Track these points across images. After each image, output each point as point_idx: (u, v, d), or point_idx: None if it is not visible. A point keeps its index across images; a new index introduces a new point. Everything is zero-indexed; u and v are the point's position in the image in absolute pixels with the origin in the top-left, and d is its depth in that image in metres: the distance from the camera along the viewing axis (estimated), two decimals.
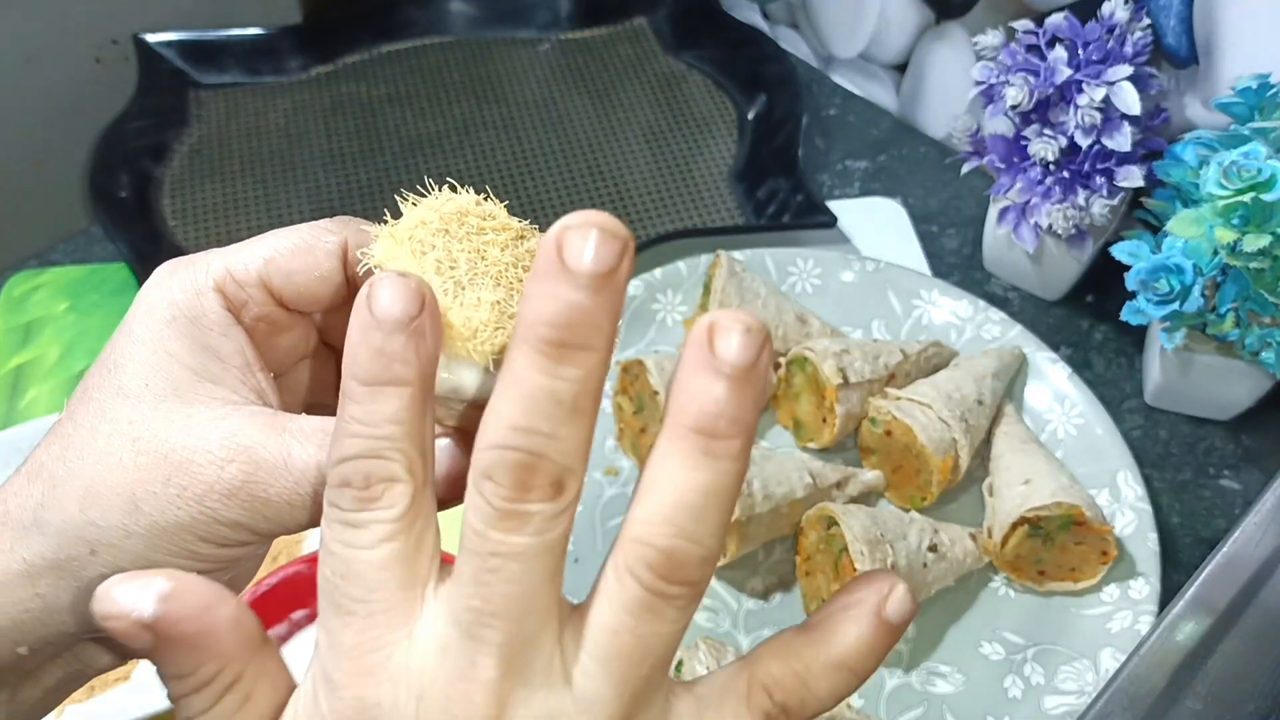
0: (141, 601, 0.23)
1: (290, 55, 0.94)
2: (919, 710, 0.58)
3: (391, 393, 0.24)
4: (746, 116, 0.91)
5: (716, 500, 0.23)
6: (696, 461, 0.23)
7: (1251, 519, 0.48)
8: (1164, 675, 0.43)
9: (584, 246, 0.22)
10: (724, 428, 0.23)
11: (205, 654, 0.23)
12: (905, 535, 0.59)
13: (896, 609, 0.26)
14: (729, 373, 0.22)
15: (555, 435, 0.22)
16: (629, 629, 0.23)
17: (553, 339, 0.22)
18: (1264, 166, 0.57)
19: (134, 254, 0.76)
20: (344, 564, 0.24)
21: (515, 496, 0.22)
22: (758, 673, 0.26)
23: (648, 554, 0.23)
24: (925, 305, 0.74)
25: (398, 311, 0.23)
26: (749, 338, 0.22)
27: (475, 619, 0.23)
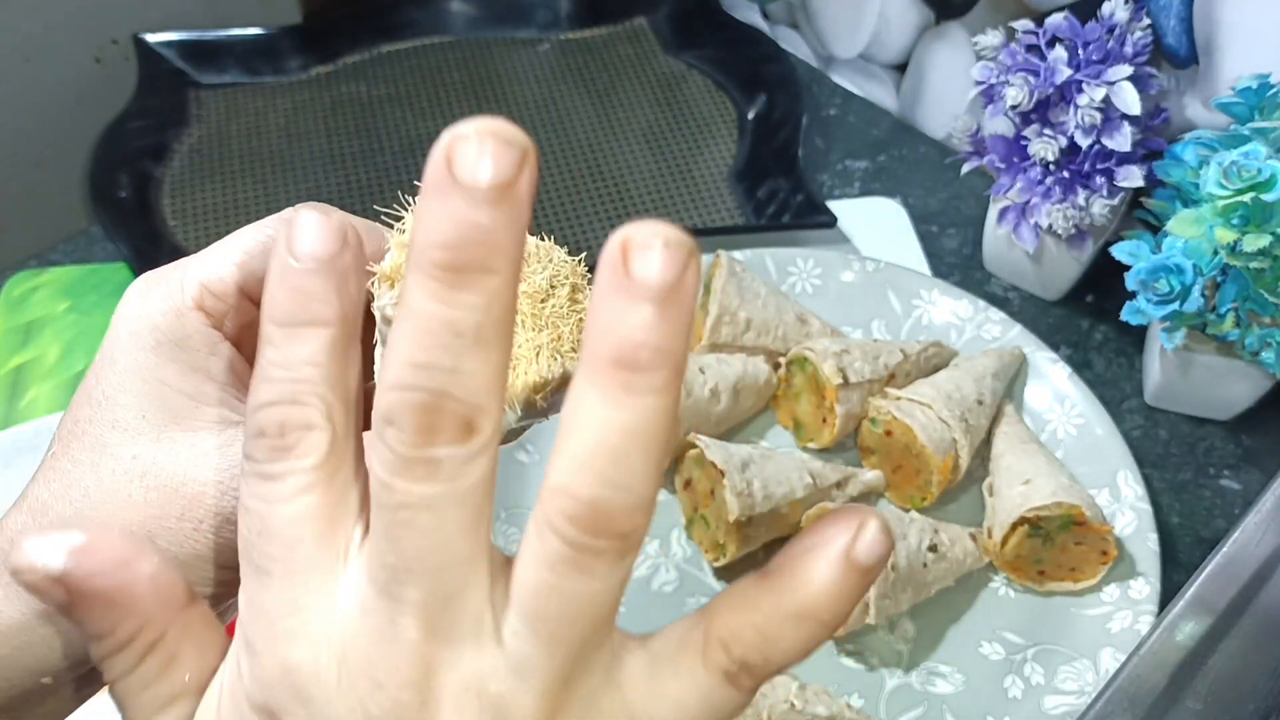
0: (52, 555, 0.21)
1: (290, 55, 0.94)
2: (919, 710, 0.58)
3: (309, 334, 0.22)
4: (746, 116, 0.91)
5: (643, 441, 0.20)
6: (617, 399, 0.20)
7: (1251, 519, 0.48)
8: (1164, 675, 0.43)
9: (477, 157, 0.19)
10: (646, 358, 0.20)
11: (122, 612, 0.22)
12: (905, 535, 0.59)
13: (867, 549, 0.22)
14: (649, 295, 0.19)
15: (459, 370, 0.20)
16: (553, 588, 0.21)
17: (447, 263, 0.19)
18: (1264, 166, 0.57)
19: (134, 254, 0.76)
20: (260, 520, 0.22)
21: (420, 441, 0.20)
22: (715, 625, 0.23)
23: (568, 506, 0.20)
24: (925, 305, 0.74)
25: (317, 249, 0.22)
26: (670, 252, 0.20)
27: (391, 576, 0.21)
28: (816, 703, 0.55)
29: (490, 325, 0.20)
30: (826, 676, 0.59)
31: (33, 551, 0.21)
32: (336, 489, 0.22)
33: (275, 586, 0.22)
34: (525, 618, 0.21)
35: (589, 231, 0.82)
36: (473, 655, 0.21)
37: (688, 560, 0.63)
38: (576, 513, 0.20)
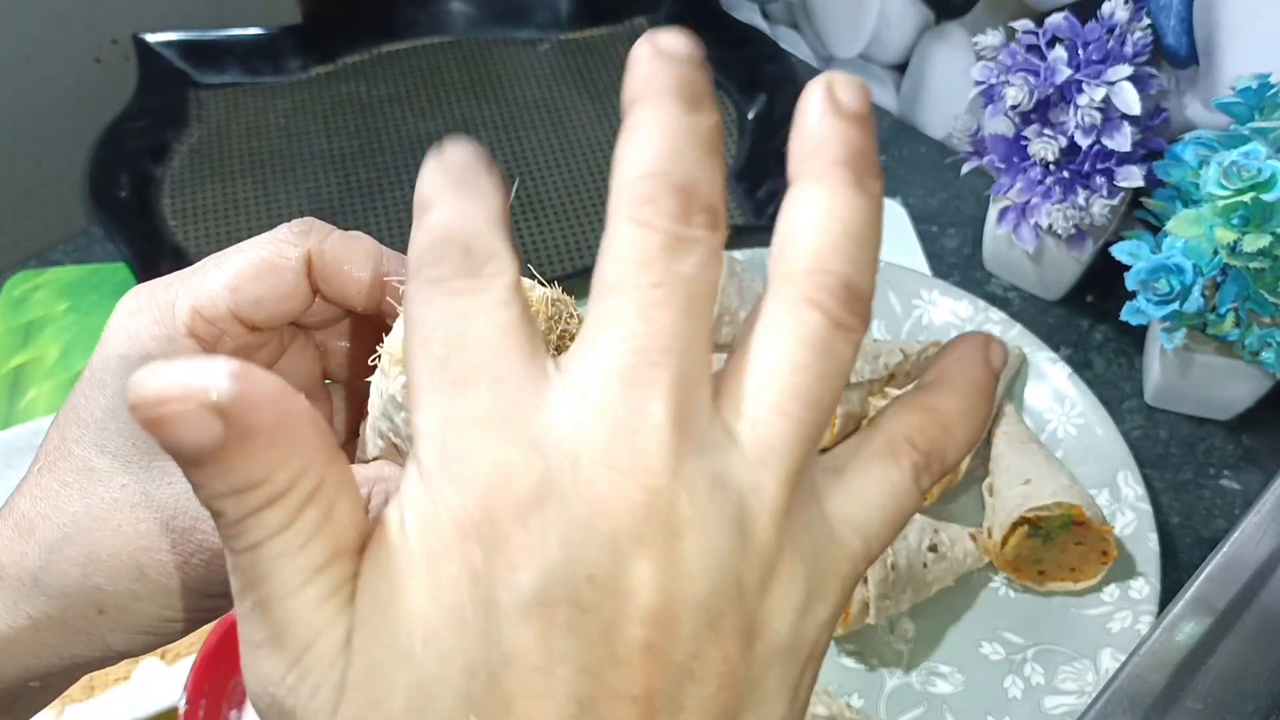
0: (212, 377, 0.18)
1: (290, 55, 0.94)
2: (919, 710, 0.58)
3: (485, 189, 0.22)
4: (746, 116, 0.91)
5: (875, 234, 0.22)
6: (852, 194, 0.22)
7: (1251, 519, 0.48)
8: (1164, 675, 0.43)
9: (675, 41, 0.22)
10: (868, 166, 0.22)
11: (285, 453, 0.19)
12: (905, 535, 0.59)
13: (997, 356, 0.25)
14: (860, 119, 0.22)
15: (704, 168, 0.21)
16: (809, 366, 0.21)
17: (682, 93, 0.21)
18: (1264, 166, 0.57)
19: (134, 254, 0.76)
20: (459, 334, 0.20)
21: (683, 217, 0.20)
22: (896, 429, 0.24)
23: (828, 280, 0.21)
24: (925, 305, 0.74)
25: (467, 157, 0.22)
26: (861, 91, 0.22)
27: (640, 359, 0.20)
28: (816, 703, 0.55)
29: (718, 143, 0.21)
30: (826, 676, 0.59)
31: (183, 376, 0.18)
32: (527, 312, 0.21)
33: (482, 394, 0.20)
34: (772, 401, 0.21)
35: (589, 231, 0.82)
36: (712, 450, 0.20)
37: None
38: (835, 286, 0.21)
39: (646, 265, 0.20)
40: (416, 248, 0.21)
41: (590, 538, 0.19)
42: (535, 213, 0.83)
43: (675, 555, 0.19)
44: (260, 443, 0.19)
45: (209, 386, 0.18)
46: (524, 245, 0.80)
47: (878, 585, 0.57)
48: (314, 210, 0.83)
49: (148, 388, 0.18)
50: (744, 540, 0.20)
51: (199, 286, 0.27)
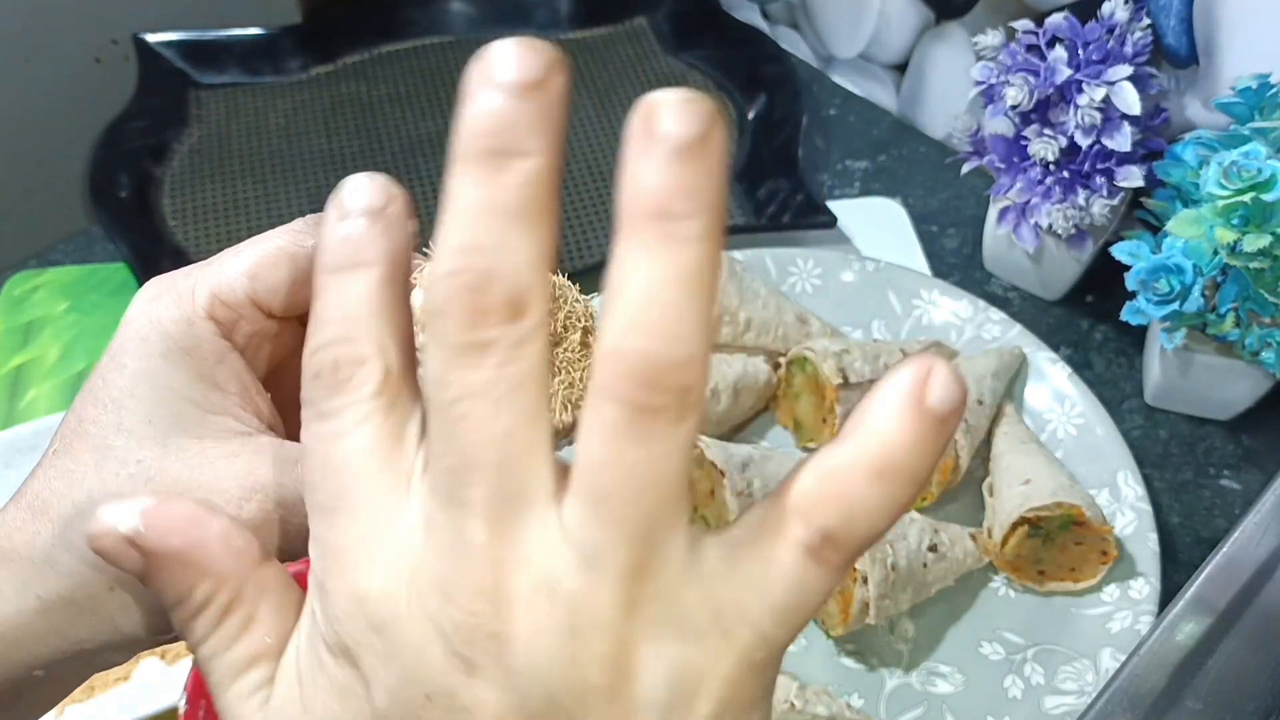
0: (125, 517, 0.22)
1: (290, 55, 0.94)
2: (919, 710, 0.58)
3: (359, 274, 0.22)
4: (746, 116, 0.91)
5: (689, 288, 0.19)
6: (656, 249, 0.19)
7: (1251, 519, 0.48)
8: (1164, 675, 0.43)
9: (507, 58, 0.21)
10: (680, 206, 0.19)
11: (197, 572, 0.23)
12: (905, 535, 0.59)
13: (940, 393, 0.20)
14: (675, 146, 0.19)
15: (501, 247, 0.19)
16: (615, 459, 0.20)
17: (485, 148, 0.20)
18: (1264, 166, 0.57)
19: (134, 254, 0.76)
20: (321, 458, 0.22)
21: (470, 323, 0.19)
22: (790, 498, 0.21)
23: (620, 365, 0.19)
24: (925, 305, 0.74)
25: (365, 202, 0.22)
26: (690, 107, 0.19)
27: (453, 479, 0.20)
28: (816, 703, 0.55)
29: (532, 203, 0.20)
30: (826, 676, 0.59)
31: (106, 516, 0.22)
32: (395, 418, 0.22)
33: (341, 522, 0.21)
34: (588, 499, 0.20)
35: (589, 231, 0.82)
36: (541, 554, 0.20)
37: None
38: (631, 368, 0.19)
39: (442, 382, 0.20)
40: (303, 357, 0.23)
41: (425, 658, 0.20)
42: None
43: (508, 669, 0.20)
44: (172, 564, 0.22)
45: (121, 524, 0.22)
46: None
47: (878, 585, 0.57)
48: (314, 210, 0.83)
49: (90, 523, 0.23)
50: (580, 645, 0.20)
51: (218, 273, 0.28)
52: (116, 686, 0.56)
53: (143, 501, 0.23)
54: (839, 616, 0.58)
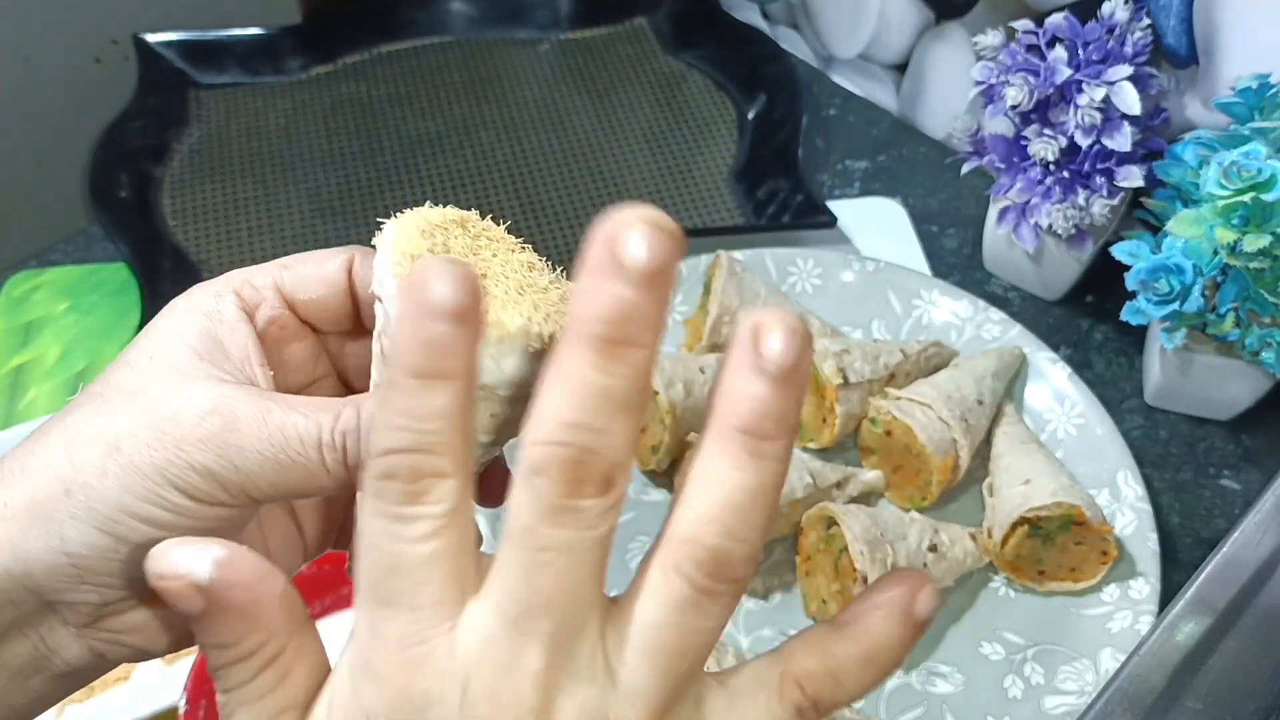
0: (198, 564, 0.24)
1: (290, 55, 0.94)
2: (919, 710, 0.58)
3: (442, 386, 0.23)
4: (746, 116, 0.91)
5: (762, 499, 0.24)
6: (743, 462, 0.23)
7: (1251, 519, 0.48)
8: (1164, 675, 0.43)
9: (638, 242, 0.22)
10: (770, 428, 0.23)
11: (252, 625, 0.24)
12: (905, 535, 0.59)
13: (925, 607, 0.26)
14: (774, 373, 0.23)
15: (606, 431, 0.22)
16: (674, 624, 0.24)
17: (606, 335, 0.22)
18: (1264, 166, 0.57)
19: (134, 254, 0.76)
20: (390, 558, 0.24)
21: (567, 492, 0.23)
22: (790, 667, 0.26)
23: (696, 553, 0.23)
24: (925, 305, 0.74)
25: (452, 300, 0.23)
26: (793, 338, 0.23)
27: (524, 611, 0.23)
28: None
29: (636, 393, 0.23)
30: None
31: (180, 558, 0.24)
32: (461, 531, 0.24)
33: (402, 618, 0.24)
34: (643, 651, 0.24)
35: (589, 231, 0.81)
36: (587, 687, 0.24)
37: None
38: (702, 559, 0.23)
39: (533, 531, 0.23)
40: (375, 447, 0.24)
41: None
42: (535, 213, 0.83)
43: None
44: (231, 615, 0.24)
45: (195, 570, 0.24)
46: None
47: None
48: (314, 210, 0.83)
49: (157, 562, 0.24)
50: None
51: (257, 267, 0.31)
52: (116, 686, 0.56)
53: (215, 549, 0.24)
54: None
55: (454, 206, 0.30)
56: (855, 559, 0.57)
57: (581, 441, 0.22)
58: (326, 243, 0.80)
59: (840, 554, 0.58)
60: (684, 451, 0.64)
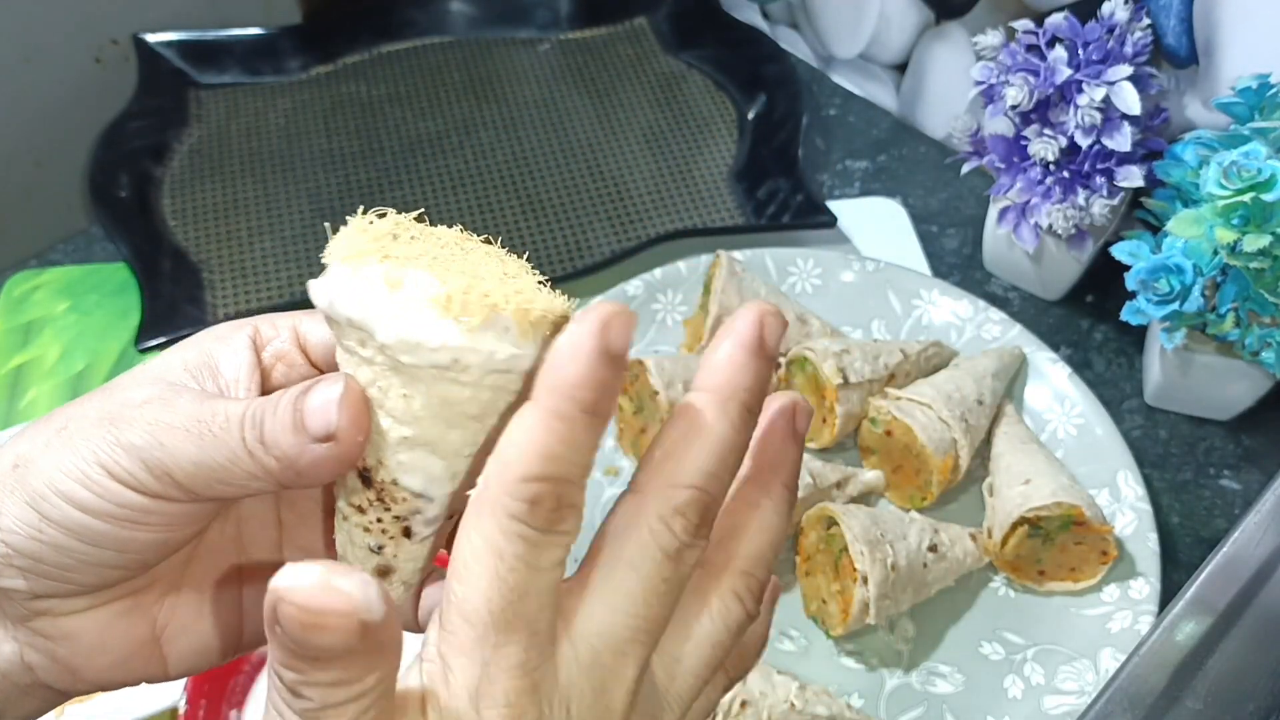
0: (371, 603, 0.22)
1: (290, 55, 0.94)
2: (919, 710, 0.58)
3: (597, 425, 0.25)
4: (746, 116, 0.91)
5: (784, 540, 0.30)
6: (784, 510, 0.29)
7: (1251, 519, 0.48)
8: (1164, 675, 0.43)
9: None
10: (795, 482, 0.29)
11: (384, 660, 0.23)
12: (905, 535, 0.59)
13: None
14: (802, 438, 0.29)
15: (724, 480, 0.27)
16: (728, 644, 0.28)
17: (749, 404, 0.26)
18: (1264, 166, 0.57)
19: (134, 254, 0.76)
20: (525, 582, 0.24)
21: (695, 531, 0.26)
22: None
23: (755, 586, 0.28)
24: (925, 305, 0.74)
25: (623, 345, 0.24)
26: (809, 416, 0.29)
27: (633, 636, 0.26)
28: (816, 703, 0.55)
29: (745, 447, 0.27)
30: (826, 677, 0.59)
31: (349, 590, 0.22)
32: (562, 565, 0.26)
33: (524, 643, 0.24)
34: (695, 668, 0.28)
35: (589, 231, 0.82)
36: (649, 694, 0.27)
37: None
38: (756, 589, 0.28)
39: (659, 563, 0.26)
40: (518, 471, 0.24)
41: None
42: (535, 213, 0.83)
43: None
44: (375, 656, 0.23)
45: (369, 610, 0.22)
46: (524, 245, 0.80)
47: (878, 585, 0.57)
48: (314, 210, 0.83)
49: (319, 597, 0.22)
50: None
51: (274, 314, 0.32)
52: None
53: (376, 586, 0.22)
54: (839, 617, 0.58)
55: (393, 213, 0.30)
56: (855, 559, 0.57)
57: (714, 488, 0.26)
58: (326, 242, 0.80)
59: (840, 554, 0.58)
60: None
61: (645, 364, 0.64)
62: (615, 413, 0.27)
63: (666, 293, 0.74)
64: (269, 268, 0.78)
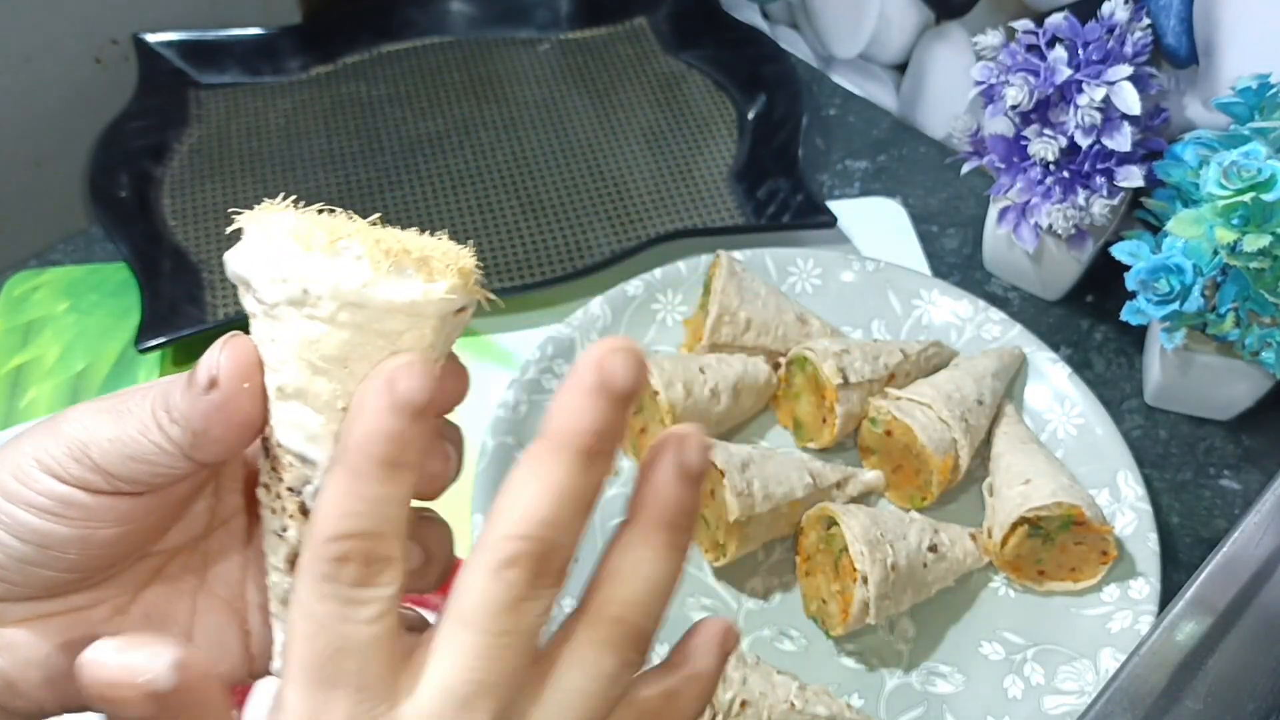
0: (157, 667, 0.23)
1: (290, 55, 0.94)
2: (919, 710, 0.58)
3: (401, 475, 0.25)
4: (746, 116, 0.91)
5: (674, 586, 0.28)
6: (668, 555, 0.27)
7: (1251, 519, 0.48)
8: (1164, 675, 0.43)
9: (623, 369, 0.26)
10: (684, 522, 0.27)
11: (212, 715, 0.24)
12: (905, 535, 0.59)
13: None
14: (696, 473, 0.27)
15: (571, 528, 0.26)
16: (600, 694, 0.27)
17: (589, 447, 0.25)
18: (1264, 166, 0.57)
19: (134, 254, 0.76)
20: (340, 639, 0.25)
21: (535, 583, 0.25)
22: None
23: (630, 633, 0.27)
24: (925, 305, 0.74)
25: (420, 397, 0.25)
26: (707, 453, 0.27)
27: (475, 691, 0.25)
28: (816, 703, 0.55)
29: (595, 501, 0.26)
30: (826, 676, 0.59)
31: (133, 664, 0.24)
32: (397, 614, 0.26)
33: (349, 698, 0.25)
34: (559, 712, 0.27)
35: (589, 231, 0.82)
36: None
37: (687, 560, 0.63)
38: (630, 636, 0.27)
39: (497, 616, 0.25)
40: (323, 531, 0.25)
41: None
42: (535, 213, 0.83)
43: None
44: (184, 717, 0.24)
45: (156, 682, 0.23)
46: (524, 245, 0.80)
47: (878, 585, 0.57)
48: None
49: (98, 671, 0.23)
50: None
51: None
52: None
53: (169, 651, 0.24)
54: (839, 617, 0.58)
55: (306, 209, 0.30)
56: (855, 559, 0.57)
57: (551, 538, 0.25)
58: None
59: (840, 554, 0.58)
60: None
61: (645, 364, 0.64)
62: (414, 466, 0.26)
63: (666, 293, 0.74)
64: None
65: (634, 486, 0.27)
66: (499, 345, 0.75)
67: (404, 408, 0.25)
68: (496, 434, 0.66)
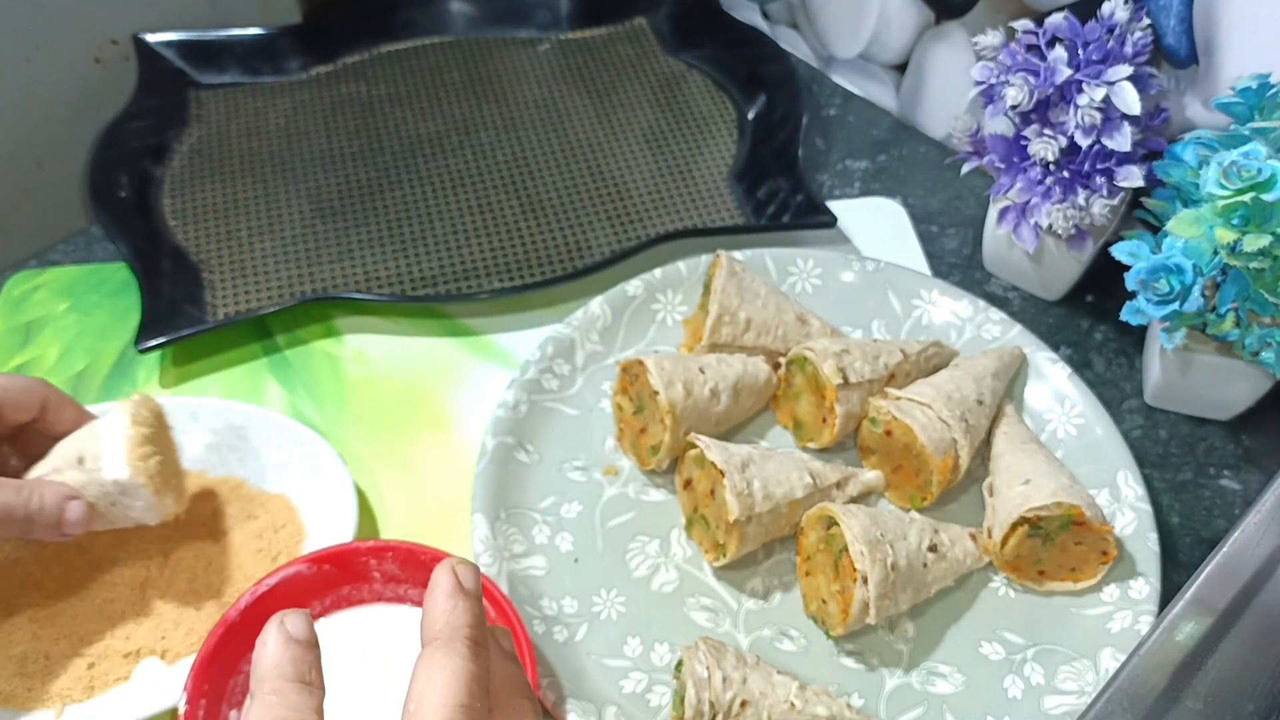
0: None
1: (290, 55, 0.94)
2: (919, 710, 0.58)
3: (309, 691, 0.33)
4: (746, 116, 0.91)
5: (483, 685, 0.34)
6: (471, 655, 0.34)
7: (1251, 519, 0.48)
8: (1164, 675, 0.43)
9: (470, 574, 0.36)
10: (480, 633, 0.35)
11: None
12: (905, 535, 0.59)
13: None
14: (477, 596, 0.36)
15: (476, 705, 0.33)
16: None
17: (474, 637, 0.34)
18: (1264, 166, 0.57)
19: (134, 254, 0.76)
20: None
21: None
22: None
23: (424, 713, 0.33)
24: (925, 305, 0.74)
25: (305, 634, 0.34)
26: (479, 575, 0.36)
27: None
28: (816, 703, 0.55)
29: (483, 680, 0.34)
30: (826, 676, 0.59)
31: None
32: None
33: None
34: None
35: (589, 231, 0.82)
36: None
37: (688, 560, 0.63)
38: None
39: None
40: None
41: None
42: (535, 213, 0.83)
43: None
44: None
45: None
46: (524, 245, 0.80)
47: (878, 585, 0.57)
48: (314, 210, 0.83)
49: None
50: None
51: None
52: (116, 686, 0.56)
53: None
54: (839, 617, 0.58)
55: None
56: (855, 559, 0.57)
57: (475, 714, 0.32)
58: (326, 242, 0.80)
59: (840, 554, 0.58)
60: (684, 452, 0.64)
61: (645, 364, 0.64)
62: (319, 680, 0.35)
63: (666, 293, 0.74)
64: (269, 268, 0.78)
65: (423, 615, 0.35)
66: (499, 345, 0.75)
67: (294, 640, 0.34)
68: (496, 434, 0.66)
